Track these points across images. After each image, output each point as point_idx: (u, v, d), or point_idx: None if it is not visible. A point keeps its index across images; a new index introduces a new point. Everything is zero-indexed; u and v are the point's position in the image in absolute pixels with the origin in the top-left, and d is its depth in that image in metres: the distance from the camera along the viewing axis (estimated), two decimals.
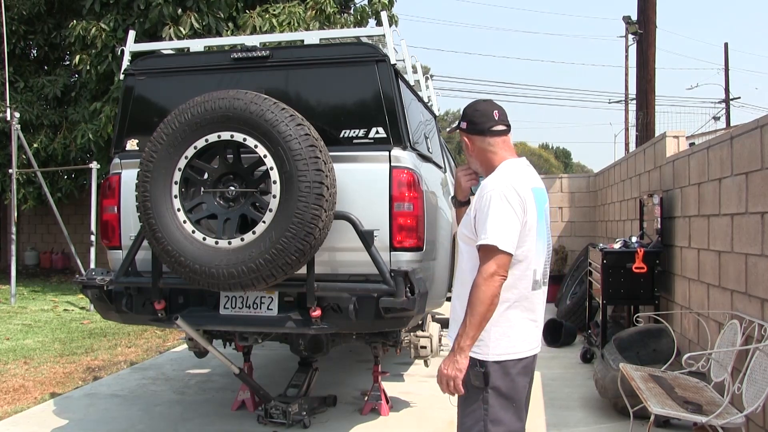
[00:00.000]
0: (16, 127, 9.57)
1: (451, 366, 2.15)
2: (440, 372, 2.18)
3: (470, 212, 2.29)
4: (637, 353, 4.42)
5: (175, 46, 4.34)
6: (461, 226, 2.35)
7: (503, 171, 2.32)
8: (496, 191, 2.20)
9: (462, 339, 2.14)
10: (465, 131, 2.40)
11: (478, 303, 2.12)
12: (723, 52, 24.66)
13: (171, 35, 9.15)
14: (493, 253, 2.14)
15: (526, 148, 33.85)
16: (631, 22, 11.54)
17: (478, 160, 2.38)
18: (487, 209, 2.18)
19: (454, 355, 2.15)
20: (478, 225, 2.21)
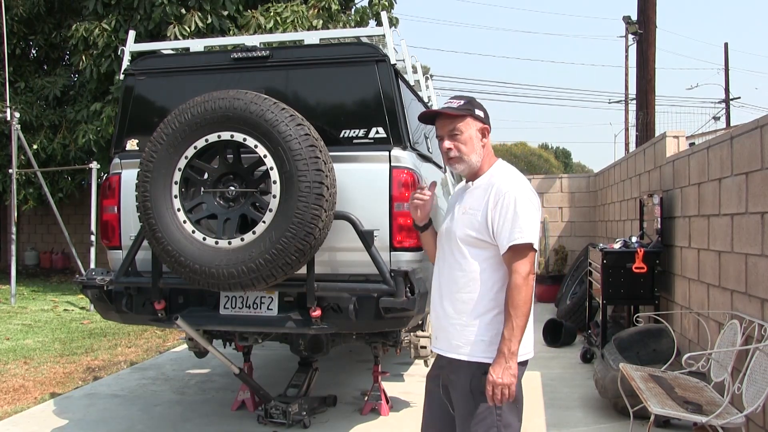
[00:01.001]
0: (16, 128, 9.57)
1: (506, 373, 2.08)
2: (494, 382, 2.09)
3: (476, 213, 2.23)
4: (637, 353, 4.42)
5: (175, 46, 4.34)
6: (463, 227, 2.25)
7: (513, 172, 2.32)
8: (520, 192, 2.19)
9: (512, 343, 2.09)
10: (482, 120, 2.33)
11: (523, 303, 2.11)
12: (723, 52, 24.67)
13: (176, 34, 9.15)
14: (527, 252, 2.14)
15: (526, 148, 33.82)
16: (631, 22, 11.53)
17: (472, 155, 2.28)
18: (514, 209, 2.15)
19: (505, 361, 2.09)
20: (502, 225, 2.16)
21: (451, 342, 2.24)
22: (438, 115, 2.31)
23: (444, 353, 2.29)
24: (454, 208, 2.35)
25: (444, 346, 2.29)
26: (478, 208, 2.24)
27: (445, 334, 2.28)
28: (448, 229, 2.32)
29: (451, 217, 2.35)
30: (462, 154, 2.27)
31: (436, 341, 2.35)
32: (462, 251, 2.24)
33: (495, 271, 2.21)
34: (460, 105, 2.29)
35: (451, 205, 2.40)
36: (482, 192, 2.26)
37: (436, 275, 2.37)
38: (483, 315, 2.20)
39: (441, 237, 2.38)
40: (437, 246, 2.40)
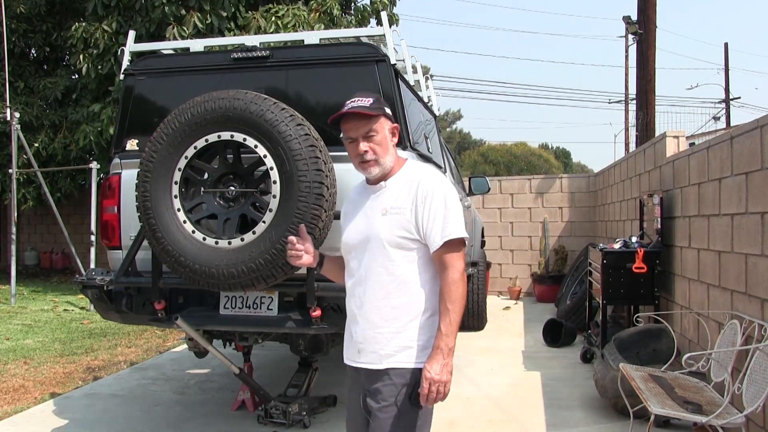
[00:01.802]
0: (16, 128, 9.57)
1: (444, 370, 2.03)
2: (431, 378, 2.01)
3: (403, 212, 2.10)
4: (637, 353, 4.41)
5: (175, 46, 4.34)
6: (390, 229, 2.10)
7: (433, 169, 2.23)
8: (447, 188, 2.13)
9: (450, 339, 2.04)
10: (391, 119, 2.21)
11: (460, 298, 2.06)
12: (723, 52, 24.67)
13: (175, 35, 9.15)
14: (461, 247, 2.09)
15: (526, 148, 33.81)
16: (631, 22, 11.55)
17: (387, 157, 2.16)
18: (444, 205, 2.08)
19: (443, 357, 2.03)
20: (434, 222, 2.07)
21: (380, 353, 2.10)
22: (349, 116, 2.12)
23: (371, 365, 2.12)
24: (367, 212, 2.17)
25: (371, 359, 2.12)
26: (404, 207, 2.11)
27: (372, 345, 2.12)
28: (367, 235, 2.13)
29: (365, 223, 2.16)
30: (378, 157, 2.13)
31: (357, 355, 2.17)
32: (389, 255, 2.10)
33: (424, 271, 2.12)
34: (371, 104, 2.13)
35: (356, 210, 2.22)
36: (404, 191, 2.13)
37: (352, 288, 2.20)
38: (416, 318, 2.10)
39: (353, 247, 2.19)
40: (347, 259, 2.24)
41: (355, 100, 2.12)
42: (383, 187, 2.17)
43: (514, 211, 10.63)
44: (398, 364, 2.09)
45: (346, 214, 2.30)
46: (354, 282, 2.20)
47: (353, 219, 2.22)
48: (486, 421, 4.22)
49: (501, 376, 5.35)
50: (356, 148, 2.13)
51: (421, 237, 2.09)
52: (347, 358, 2.24)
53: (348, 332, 2.25)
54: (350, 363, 2.22)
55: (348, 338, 2.25)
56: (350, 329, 2.23)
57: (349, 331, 2.25)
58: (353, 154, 2.15)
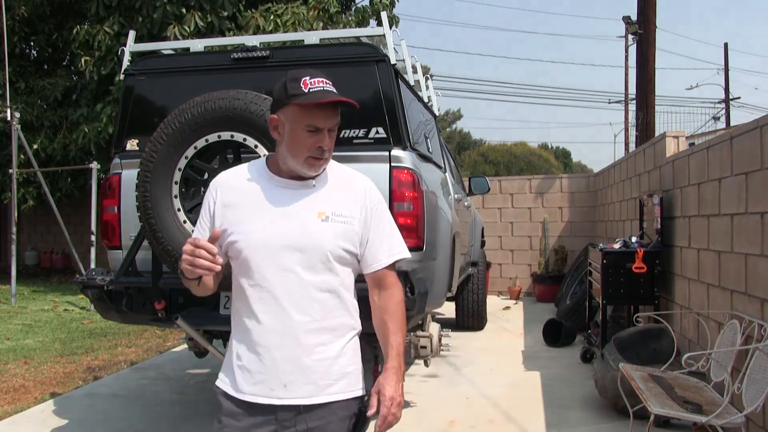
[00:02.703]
0: (16, 128, 9.57)
1: (401, 390, 1.86)
2: (393, 397, 1.84)
3: (351, 222, 1.82)
4: (637, 353, 4.42)
5: (175, 46, 4.34)
6: (335, 239, 1.78)
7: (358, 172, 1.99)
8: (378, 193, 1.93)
9: (402, 358, 1.87)
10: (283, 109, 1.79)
11: (405, 320, 1.92)
12: (723, 52, 24.67)
13: (176, 34, 9.16)
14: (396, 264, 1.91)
15: (526, 148, 33.82)
16: (631, 23, 11.53)
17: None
18: (389, 218, 1.94)
19: (400, 377, 1.86)
20: (382, 237, 1.88)
21: (320, 383, 1.76)
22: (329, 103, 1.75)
23: (308, 400, 1.75)
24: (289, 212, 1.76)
25: (308, 392, 1.75)
26: (351, 216, 1.82)
27: (308, 375, 1.75)
28: (299, 242, 1.74)
29: (293, 225, 1.75)
30: (330, 155, 1.81)
31: (282, 390, 1.73)
32: (331, 268, 1.78)
33: (352, 288, 1.88)
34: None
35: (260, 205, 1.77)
36: (345, 196, 1.84)
37: (259, 302, 1.75)
38: (352, 339, 1.87)
39: (266, 253, 1.73)
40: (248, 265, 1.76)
41: (323, 83, 1.75)
42: (311, 186, 1.80)
43: (514, 211, 10.63)
44: (343, 394, 1.81)
45: (234, 205, 1.78)
46: (264, 295, 1.75)
47: (258, 216, 1.76)
48: (486, 421, 4.22)
49: (501, 376, 5.35)
50: (319, 140, 1.74)
51: (360, 252, 1.84)
52: (256, 394, 1.74)
53: (250, 360, 1.75)
54: (267, 401, 1.74)
55: (254, 367, 1.75)
56: (255, 356, 1.75)
57: (253, 359, 1.75)
58: (307, 146, 1.73)
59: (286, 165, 1.78)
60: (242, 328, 1.78)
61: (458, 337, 6.60)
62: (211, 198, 1.83)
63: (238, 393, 1.76)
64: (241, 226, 1.76)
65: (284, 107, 1.74)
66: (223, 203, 1.80)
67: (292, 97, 1.72)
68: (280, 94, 1.76)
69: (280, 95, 1.76)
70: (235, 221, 1.77)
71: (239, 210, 1.78)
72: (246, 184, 1.81)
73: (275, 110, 1.78)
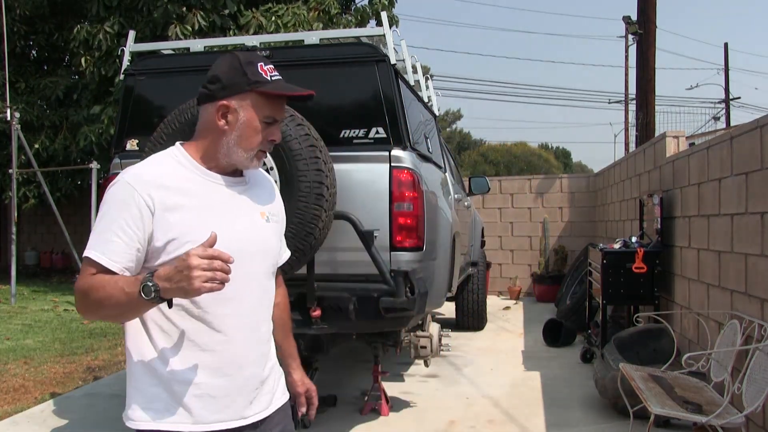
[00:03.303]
0: (16, 128, 9.57)
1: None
2: (314, 387, 1.89)
3: (280, 220, 1.76)
4: (637, 353, 4.42)
5: (175, 46, 4.35)
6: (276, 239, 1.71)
7: None
8: None
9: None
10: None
11: None
12: (723, 52, 24.67)
13: (177, 33, 9.17)
14: None
15: (526, 148, 33.83)
16: (631, 22, 11.53)
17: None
18: None
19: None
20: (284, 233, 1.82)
21: (273, 391, 1.69)
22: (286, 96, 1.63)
23: (267, 411, 1.65)
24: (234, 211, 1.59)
25: (266, 402, 1.65)
26: (280, 215, 1.75)
27: (264, 386, 1.65)
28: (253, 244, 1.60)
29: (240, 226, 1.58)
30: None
31: (248, 408, 1.60)
32: (272, 270, 1.70)
33: None
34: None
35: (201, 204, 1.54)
36: (270, 193, 1.73)
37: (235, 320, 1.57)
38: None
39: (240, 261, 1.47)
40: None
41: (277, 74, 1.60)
42: (245, 182, 1.65)
43: (514, 211, 10.63)
44: (284, 395, 1.74)
45: (178, 208, 1.51)
46: (233, 308, 1.56)
47: (213, 219, 1.53)
48: (486, 421, 4.22)
49: (501, 376, 5.35)
50: (272, 132, 1.60)
51: None
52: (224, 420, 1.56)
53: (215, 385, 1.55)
54: (235, 424, 1.57)
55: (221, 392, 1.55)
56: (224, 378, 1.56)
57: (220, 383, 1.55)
58: (260, 139, 1.57)
59: (228, 158, 1.58)
60: (197, 350, 1.53)
61: (458, 337, 6.60)
62: (140, 200, 1.47)
63: (198, 425, 1.53)
64: (197, 233, 1.45)
65: (242, 93, 1.54)
66: (163, 206, 1.49)
67: (255, 84, 1.53)
68: (238, 78, 1.54)
69: (238, 79, 1.54)
70: (186, 227, 1.49)
71: (186, 213, 1.50)
72: (181, 183, 1.54)
73: (228, 95, 1.54)
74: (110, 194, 1.51)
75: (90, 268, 1.47)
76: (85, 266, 1.48)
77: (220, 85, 1.55)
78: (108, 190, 1.53)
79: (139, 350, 1.55)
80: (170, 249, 1.49)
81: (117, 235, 1.46)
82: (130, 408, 1.54)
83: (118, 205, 1.48)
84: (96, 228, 1.50)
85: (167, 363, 1.52)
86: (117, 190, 1.50)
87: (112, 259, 1.46)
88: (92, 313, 1.51)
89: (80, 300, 1.49)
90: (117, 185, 1.51)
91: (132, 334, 1.56)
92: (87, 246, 1.49)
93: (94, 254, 1.46)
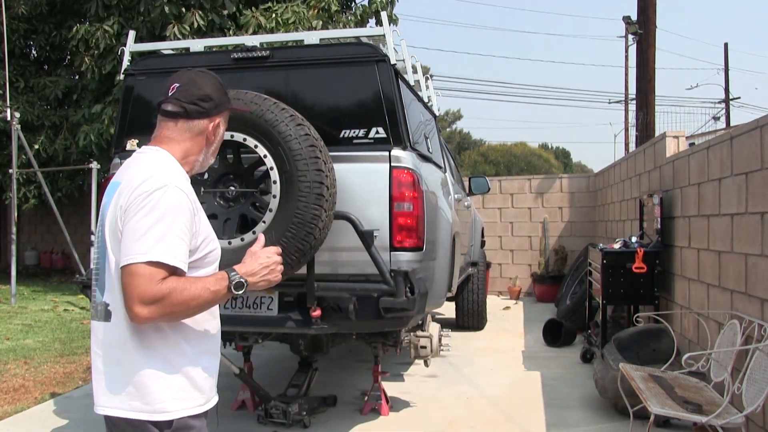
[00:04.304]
0: (16, 127, 9.57)
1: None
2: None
3: None
4: (637, 353, 4.42)
5: (175, 46, 4.35)
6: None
7: None
8: None
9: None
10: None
11: None
12: (723, 52, 24.67)
13: (176, 33, 9.16)
14: None
15: (526, 148, 33.81)
16: (631, 22, 11.55)
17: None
18: None
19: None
20: None
21: None
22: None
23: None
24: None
25: None
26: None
27: None
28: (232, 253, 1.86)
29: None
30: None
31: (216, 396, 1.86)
32: None
33: None
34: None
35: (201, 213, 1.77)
36: None
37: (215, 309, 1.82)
38: None
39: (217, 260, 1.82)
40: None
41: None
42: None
43: (514, 211, 10.63)
44: None
45: (199, 211, 1.74)
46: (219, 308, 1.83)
47: (207, 221, 1.80)
48: (486, 421, 4.22)
49: (501, 376, 5.35)
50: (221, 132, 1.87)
51: None
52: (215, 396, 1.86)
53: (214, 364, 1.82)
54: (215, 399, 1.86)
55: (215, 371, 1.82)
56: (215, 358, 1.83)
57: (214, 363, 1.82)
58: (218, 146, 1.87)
59: (202, 166, 1.84)
60: (201, 335, 1.74)
61: (458, 337, 6.60)
62: (189, 204, 1.67)
63: (208, 404, 1.80)
64: (212, 234, 1.79)
65: (224, 111, 1.83)
66: (198, 208, 1.73)
67: (230, 102, 1.85)
68: (224, 98, 1.82)
69: (224, 99, 1.82)
70: (205, 226, 1.75)
71: (201, 214, 1.75)
72: (190, 188, 1.74)
73: (219, 112, 1.81)
74: (162, 200, 1.60)
75: (160, 272, 1.56)
76: (152, 270, 1.55)
77: (213, 103, 1.78)
78: (152, 195, 1.60)
79: (155, 348, 1.66)
80: (202, 246, 1.71)
81: (180, 238, 1.61)
82: (161, 402, 1.66)
83: (175, 210, 1.61)
84: (151, 232, 1.57)
85: (184, 354, 1.69)
86: (171, 196, 1.62)
87: (184, 261, 1.62)
88: (167, 315, 1.60)
89: (153, 304, 1.55)
90: (168, 191, 1.62)
91: (144, 336, 1.66)
92: (143, 251, 1.56)
93: (165, 258, 1.57)
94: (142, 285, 1.54)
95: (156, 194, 1.60)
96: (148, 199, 1.59)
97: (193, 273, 1.67)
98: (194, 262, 1.68)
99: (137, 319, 1.57)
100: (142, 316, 1.56)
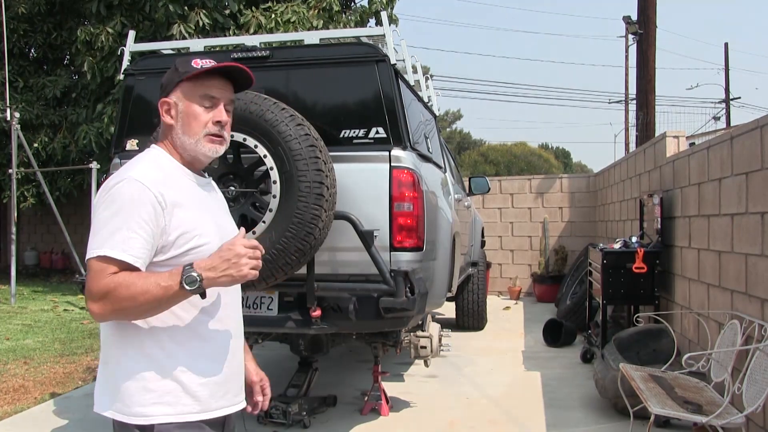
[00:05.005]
0: (16, 127, 9.57)
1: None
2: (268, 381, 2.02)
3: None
4: (637, 353, 4.41)
5: (175, 46, 4.34)
6: None
7: None
8: None
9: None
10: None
11: None
12: (723, 52, 24.66)
13: (181, 32, 9.17)
14: None
15: (526, 148, 33.81)
16: (631, 22, 11.54)
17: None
18: None
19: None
20: None
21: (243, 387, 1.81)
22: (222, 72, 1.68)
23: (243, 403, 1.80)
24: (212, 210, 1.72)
25: (242, 393, 1.79)
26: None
27: (242, 378, 1.80)
28: None
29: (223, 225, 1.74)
30: (228, 135, 1.72)
31: (237, 395, 1.75)
32: None
33: None
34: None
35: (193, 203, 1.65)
36: (221, 196, 1.86)
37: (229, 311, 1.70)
38: None
39: None
40: None
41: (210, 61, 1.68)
42: (210, 181, 1.78)
43: (514, 211, 10.63)
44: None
45: (182, 205, 1.60)
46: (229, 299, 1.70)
47: (207, 216, 1.67)
48: (486, 421, 4.22)
49: (501, 376, 5.34)
50: (216, 114, 1.66)
51: None
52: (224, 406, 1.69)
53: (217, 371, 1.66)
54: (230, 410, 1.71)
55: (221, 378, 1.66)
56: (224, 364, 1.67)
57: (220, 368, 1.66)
58: (203, 122, 1.65)
59: (186, 153, 1.66)
60: (193, 337, 1.61)
61: (458, 337, 6.59)
62: (153, 197, 1.53)
63: (205, 413, 1.63)
64: (202, 229, 1.61)
65: (175, 87, 1.65)
66: (172, 203, 1.56)
67: (184, 74, 1.64)
68: (171, 77, 1.67)
69: (171, 77, 1.67)
70: (190, 221, 1.59)
71: (187, 209, 1.60)
72: (176, 181, 1.63)
73: (166, 94, 1.67)
74: (119, 193, 1.53)
75: (109, 267, 1.49)
76: (101, 265, 1.49)
77: (163, 87, 1.68)
78: (112, 189, 1.55)
79: (141, 348, 1.58)
80: (180, 242, 1.57)
81: (135, 232, 1.50)
82: (141, 406, 1.58)
83: (131, 203, 1.51)
84: (106, 227, 1.51)
85: (173, 356, 1.58)
86: (127, 189, 1.53)
87: (135, 255, 1.50)
88: (118, 312, 1.51)
89: (101, 299, 1.49)
90: (125, 184, 1.54)
91: (127, 335, 1.59)
92: (96, 246, 1.50)
93: (113, 252, 1.48)
94: (91, 280, 1.49)
95: (115, 188, 1.54)
96: (108, 194, 1.54)
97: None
98: (171, 259, 1.56)
99: (93, 316, 1.51)
100: (95, 312, 1.50)
